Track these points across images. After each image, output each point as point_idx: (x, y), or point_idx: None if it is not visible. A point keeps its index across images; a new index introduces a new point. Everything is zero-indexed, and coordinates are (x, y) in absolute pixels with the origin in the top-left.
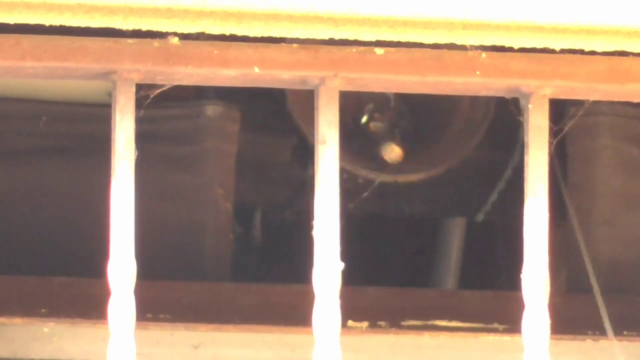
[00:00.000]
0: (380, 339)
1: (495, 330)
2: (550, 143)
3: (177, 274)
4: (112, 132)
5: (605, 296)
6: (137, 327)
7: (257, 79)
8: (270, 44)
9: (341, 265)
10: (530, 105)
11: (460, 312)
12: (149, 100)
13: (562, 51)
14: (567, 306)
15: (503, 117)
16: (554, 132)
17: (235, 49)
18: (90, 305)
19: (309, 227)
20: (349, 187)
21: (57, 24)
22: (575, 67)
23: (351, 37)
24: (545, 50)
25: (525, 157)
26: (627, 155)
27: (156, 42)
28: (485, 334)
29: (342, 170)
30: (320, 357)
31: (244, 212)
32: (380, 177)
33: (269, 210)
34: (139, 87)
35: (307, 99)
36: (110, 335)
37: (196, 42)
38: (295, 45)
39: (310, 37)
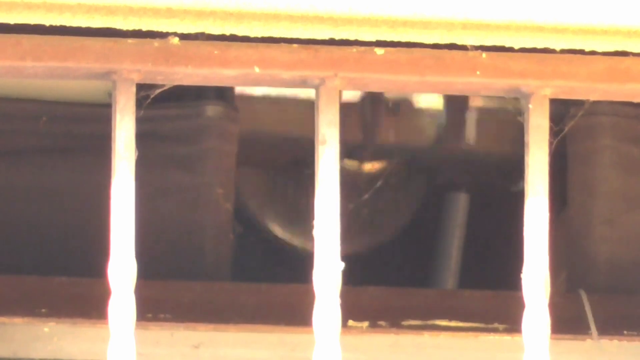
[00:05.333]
0: (381, 339)
1: (495, 330)
2: (551, 143)
3: (177, 274)
4: (113, 132)
5: (605, 296)
6: (137, 327)
7: (257, 79)
8: (271, 44)
9: (341, 265)
10: (530, 106)
11: (460, 312)
12: (149, 100)
13: (562, 51)
14: (567, 306)
15: None
16: (555, 132)
17: (235, 49)
18: (90, 305)
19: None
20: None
21: (58, 24)
22: (575, 67)
23: (351, 37)
24: (545, 50)
25: (526, 157)
26: (627, 155)
27: (156, 42)
28: (485, 333)
29: None
30: (321, 357)
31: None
32: None
33: None
34: (139, 87)
35: None
36: (110, 335)
37: (196, 42)
38: (295, 45)
39: (310, 37)
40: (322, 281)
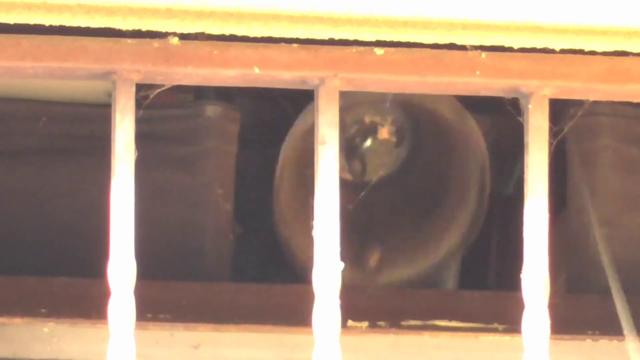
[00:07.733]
0: (380, 339)
1: (495, 330)
2: (550, 143)
3: (177, 274)
4: (112, 132)
5: (605, 296)
6: (137, 327)
7: (257, 79)
8: (270, 44)
9: (341, 265)
10: (530, 106)
11: (460, 312)
12: (149, 100)
13: (562, 51)
14: (567, 306)
15: None
16: (554, 133)
17: (235, 49)
18: (90, 305)
19: None
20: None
21: (57, 24)
22: (575, 67)
23: (351, 37)
24: (545, 51)
25: (525, 157)
26: (627, 155)
27: (156, 42)
28: (485, 334)
29: None
30: (320, 357)
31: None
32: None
33: None
34: (139, 87)
35: None
36: (110, 335)
37: (196, 42)
38: (295, 45)
39: (310, 37)
40: (321, 281)
